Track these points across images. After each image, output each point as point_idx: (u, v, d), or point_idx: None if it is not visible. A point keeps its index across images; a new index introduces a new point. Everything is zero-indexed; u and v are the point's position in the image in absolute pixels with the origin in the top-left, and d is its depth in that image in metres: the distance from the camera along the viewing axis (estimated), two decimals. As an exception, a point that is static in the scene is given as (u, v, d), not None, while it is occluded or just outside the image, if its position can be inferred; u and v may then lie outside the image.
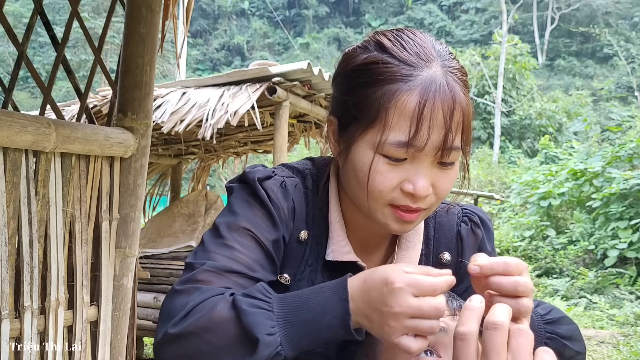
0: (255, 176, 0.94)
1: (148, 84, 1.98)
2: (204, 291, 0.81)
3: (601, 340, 5.66)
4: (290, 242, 0.94)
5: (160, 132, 3.74)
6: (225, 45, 36.42)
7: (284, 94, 3.52)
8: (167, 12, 2.18)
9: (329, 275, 0.96)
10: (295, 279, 0.95)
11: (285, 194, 0.94)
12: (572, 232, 9.15)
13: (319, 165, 1.02)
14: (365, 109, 0.85)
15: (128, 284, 1.99)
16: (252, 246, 0.89)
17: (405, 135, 0.81)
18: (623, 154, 9.02)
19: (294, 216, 0.95)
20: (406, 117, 0.81)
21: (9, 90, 2.14)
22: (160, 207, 5.87)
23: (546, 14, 32.44)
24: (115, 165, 1.94)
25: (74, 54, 22.35)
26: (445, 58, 0.86)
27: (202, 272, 0.84)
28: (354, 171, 0.88)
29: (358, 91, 0.87)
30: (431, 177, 0.86)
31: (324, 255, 0.96)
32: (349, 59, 0.91)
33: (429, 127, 0.81)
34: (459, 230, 1.03)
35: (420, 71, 0.83)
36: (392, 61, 0.84)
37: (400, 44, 0.86)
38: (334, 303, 0.76)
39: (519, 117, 20.41)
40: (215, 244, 0.88)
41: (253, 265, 0.87)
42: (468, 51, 22.40)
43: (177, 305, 0.81)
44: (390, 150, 0.83)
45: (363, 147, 0.86)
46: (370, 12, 38.65)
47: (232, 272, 0.85)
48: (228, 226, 0.90)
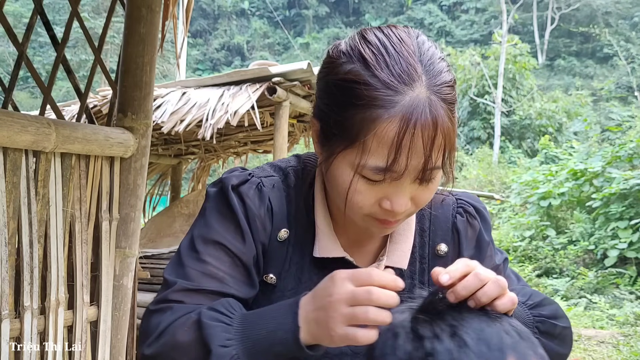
0: (229, 183, 0.95)
1: (148, 84, 1.98)
2: (175, 311, 0.86)
3: (601, 340, 5.66)
4: (270, 243, 0.95)
5: (160, 132, 3.75)
6: (225, 45, 36.42)
7: (284, 94, 3.52)
8: (167, 12, 2.18)
9: (316, 272, 0.96)
10: (281, 278, 0.96)
11: (261, 196, 0.95)
12: (572, 232, 9.15)
13: (305, 161, 1.02)
14: (345, 129, 0.83)
15: (128, 284, 1.99)
16: (226, 260, 0.91)
17: (384, 161, 0.81)
18: (623, 154, 9.02)
19: (271, 217, 0.95)
20: (385, 145, 0.80)
21: (9, 90, 2.14)
22: (160, 207, 5.87)
23: (546, 14, 32.43)
24: (115, 165, 1.94)
25: (74, 54, 22.34)
26: (431, 73, 0.82)
27: (174, 292, 0.88)
28: (334, 184, 0.89)
29: (339, 109, 0.84)
30: (410, 192, 0.86)
31: (310, 252, 0.96)
32: (332, 67, 0.87)
33: (408, 155, 0.80)
34: (454, 221, 1.02)
35: (402, 96, 0.80)
36: (374, 83, 0.80)
37: (384, 59, 0.82)
38: (286, 318, 0.80)
39: (519, 117, 20.40)
40: (190, 258, 0.92)
41: (226, 279, 0.90)
42: (468, 51, 22.38)
43: (152, 325, 0.86)
44: (369, 174, 0.83)
45: (343, 164, 0.85)
46: (370, 12, 38.65)
47: (203, 290, 0.88)
48: (203, 240, 0.92)
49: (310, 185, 0.98)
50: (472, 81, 20.74)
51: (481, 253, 1.02)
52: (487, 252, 1.03)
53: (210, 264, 0.90)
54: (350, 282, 0.76)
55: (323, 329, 0.77)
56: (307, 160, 1.02)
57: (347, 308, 0.75)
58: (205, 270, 0.90)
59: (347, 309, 0.75)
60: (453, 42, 32.08)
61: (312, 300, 0.80)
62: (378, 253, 1.01)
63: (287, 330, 0.79)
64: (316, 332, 0.78)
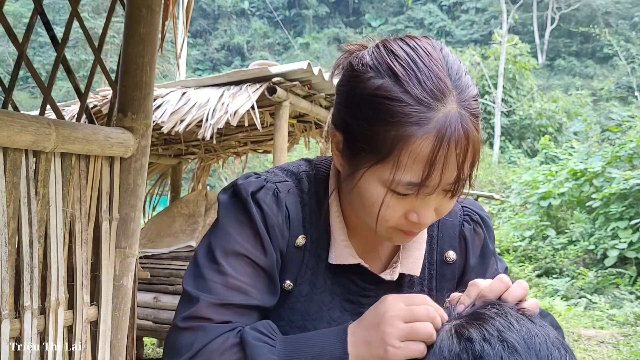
0: (249, 190, 0.94)
1: (148, 84, 1.98)
2: (207, 331, 0.86)
3: (601, 340, 5.66)
4: (288, 250, 0.95)
5: (160, 132, 3.75)
6: (225, 45, 36.41)
7: (284, 94, 3.52)
8: (167, 12, 2.18)
9: (331, 277, 0.96)
10: (297, 283, 0.95)
11: (278, 202, 0.94)
12: (572, 232, 9.15)
13: (317, 166, 1.01)
14: (376, 145, 0.83)
15: (128, 284, 1.99)
16: (247, 271, 0.90)
17: (418, 177, 0.81)
18: (623, 154, 9.02)
19: (289, 223, 0.94)
20: (420, 161, 0.80)
21: (9, 90, 2.14)
22: (160, 207, 5.87)
23: (546, 14, 32.42)
24: (115, 165, 1.94)
25: (74, 54, 22.34)
26: (460, 88, 0.82)
27: (202, 308, 0.87)
28: (361, 199, 0.88)
29: (368, 124, 0.83)
30: (436, 204, 0.87)
31: (325, 257, 0.96)
32: (358, 80, 0.85)
33: (442, 170, 0.81)
34: (461, 229, 1.03)
35: (436, 112, 0.80)
36: (406, 99, 0.80)
37: (415, 74, 0.81)
38: (334, 344, 0.82)
39: (519, 117, 20.40)
40: (211, 270, 0.90)
41: (249, 290, 0.90)
42: (468, 51, 22.39)
43: (184, 344, 0.86)
44: (401, 189, 0.83)
45: (372, 179, 0.85)
46: (370, 12, 38.64)
47: (229, 304, 0.88)
48: (223, 251, 0.91)
49: (325, 191, 0.98)
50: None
51: (485, 262, 1.04)
52: (491, 261, 1.05)
53: (232, 275, 0.89)
54: (403, 302, 0.80)
55: (376, 348, 0.79)
56: (319, 165, 1.01)
57: (404, 324, 0.78)
58: (228, 283, 0.89)
59: (404, 325, 0.78)
60: (453, 42, 32.08)
61: (361, 324, 0.82)
62: (390, 259, 1.01)
63: (335, 355, 0.81)
64: (366, 355, 0.80)
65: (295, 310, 0.96)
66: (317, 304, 0.96)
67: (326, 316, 0.96)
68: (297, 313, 0.96)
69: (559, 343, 0.76)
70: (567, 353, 0.75)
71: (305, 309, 0.96)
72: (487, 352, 0.72)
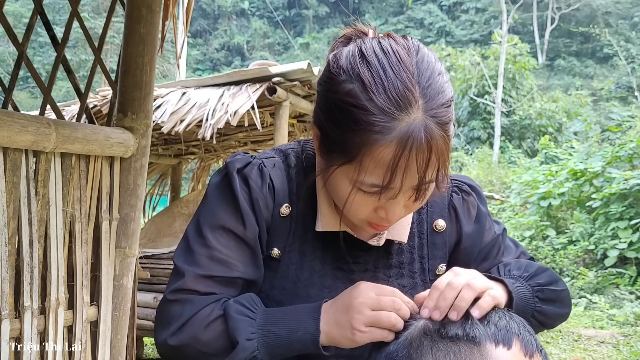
0: (236, 166, 1.00)
1: (148, 84, 1.98)
2: (194, 303, 0.93)
3: (601, 340, 5.67)
4: (273, 219, 1.00)
5: (160, 132, 3.74)
6: (225, 45, 36.40)
7: (284, 94, 3.52)
8: (167, 12, 2.18)
9: (320, 246, 1.01)
10: (286, 251, 1.00)
11: (262, 176, 0.99)
12: (572, 232, 9.14)
13: (304, 145, 1.06)
14: (343, 149, 0.87)
15: (128, 284, 1.99)
16: (231, 244, 0.97)
17: (380, 181, 0.85)
18: (623, 154, 9.01)
19: (273, 195, 0.99)
20: (381, 167, 0.83)
21: (9, 90, 2.14)
22: (160, 207, 5.87)
23: (546, 14, 32.41)
24: (115, 165, 1.94)
25: (74, 54, 22.34)
26: (428, 96, 0.84)
27: (188, 281, 0.95)
28: (333, 192, 0.94)
29: (337, 128, 0.87)
30: (404, 202, 0.90)
31: (312, 226, 1.00)
32: (332, 83, 0.89)
33: (403, 177, 0.84)
34: (450, 199, 1.07)
35: (399, 122, 0.82)
36: (371, 108, 0.82)
37: (382, 82, 0.83)
38: (308, 322, 0.90)
39: (519, 117, 20.38)
40: (198, 244, 0.97)
41: (232, 263, 0.96)
42: (468, 51, 22.37)
43: (172, 315, 0.94)
44: (366, 189, 0.87)
45: (341, 175, 0.89)
46: (370, 12, 38.62)
47: (213, 276, 0.95)
48: (209, 226, 0.97)
49: (311, 168, 1.02)
50: (472, 81, 20.73)
51: (482, 226, 1.08)
52: (487, 224, 1.10)
53: (216, 249, 0.96)
54: (373, 291, 0.88)
55: (344, 330, 0.87)
56: (306, 144, 1.06)
57: (370, 312, 0.86)
58: (213, 256, 0.95)
59: (370, 312, 0.86)
60: (453, 42, 32.06)
61: (334, 304, 0.90)
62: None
63: (308, 331, 0.89)
64: (336, 334, 0.89)
65: (287, 277, 1.00)
66: (307, 271, 1.00)
67: (318, 282, 1.00)
68: (289, 280, 1.00)
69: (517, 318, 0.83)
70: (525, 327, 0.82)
71: (296, 276, 1.00)
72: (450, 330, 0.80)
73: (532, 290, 1.00)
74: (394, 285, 1.01)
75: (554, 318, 1.04)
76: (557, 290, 1.03)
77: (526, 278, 1.02)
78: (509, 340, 0.78)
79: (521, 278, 1.02)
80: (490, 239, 1.09)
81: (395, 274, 1.04)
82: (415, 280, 1.04)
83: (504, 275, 1.02)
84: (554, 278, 1.05)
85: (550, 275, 1.05)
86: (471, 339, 0.77)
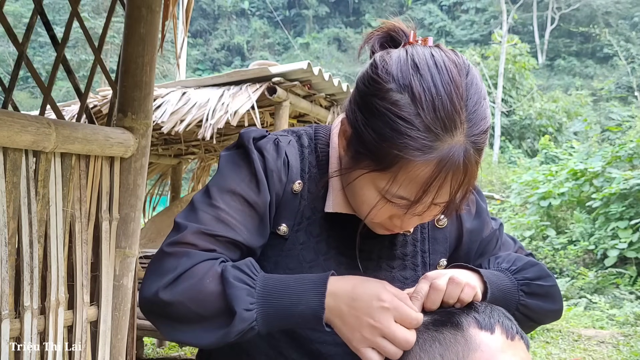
0: (251, 136, 0.99)
1: (148, 84, 1.97)
2: (191, 256, 0.88)
3: (601, 340, 5.67)
4: (284, 195, 0.98)
5: (160, 132, 3.74)
6: (225, 45, 36.39)
7: (284, 94, 3.52)
8: (167, 12, 2.18)
9: (327, 229, 1.00)
10: (293, 230, 0.99)
11: (278, 150, 0.99)
12: (572, 232, 9.14)
13: (316, 129, 1.06)
14: (378, 157, 0.85)
15: (128, 284, 1.99)
16: (239, 208, 0.94)
17: (411, 195, 0.85)
18: (623, 154, 9.02)
19: (287, 170, 0.99)
20: (415, 184, 0.83)
21: (9, 90, 2.14)
22: (160, 207, 5.87)
23: (546, 14, 32.41)
24: (115, 165, 1.94)
25: (74, 54, 22.33)
26: (473, 121, 0.83)
27: (188, 235, 0.90)
28: (353, 194, 0.93)
29: (376, 134, 0.85)
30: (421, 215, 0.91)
31: (322, 208, 0.99)
32: (378, 88, 0.86)
33: (434, 196, 0.84)
34: None
35: (441, 143, 0.81)
36: (417, 123, 0.81)
37: (432, 100, 0.81)
38: (311, 296, 0.85)
39: (519, 117, 20.39)
40: (204, 204, 0.94)
41: (238, 227, 0.93)
42: (468, 51, 22.38)
43: (166, 268, 0.88)
44: (394, 200, 0.87)
45: (368, 182, 0.88)
46: (370, 12, 38.63)
47: (216, 235, 0.91)
48: (218, 188, 0.95)
49: (324, 151, 1.02)
50: (472, 81, 20.69)
51: (482, 221, 1.10)
52: (487, 219, 1.11)
53: (224, 210, 0.93)
54: (394, 317, 0.83)
55: (345, 331, 0.85)
56: (318, 128, 1.07)
57: (381, 340, 0.83)
58: (218, 215, 0.92)
59: (380, 341, 0.83)
60: (453, 42, 32.07)
61: (350, 301, 0.85)
62: None
63: (311, 307, 0.85)
64: (336, 324, 0.85)
65: (292, 257, 0.99)
66: (313, 252, 0.99)
67: (322, 264, 1.00)
68: (294, 260, 0.99)
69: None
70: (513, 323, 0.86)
71: (302, 256, 0.99)
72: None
73: (517, 284, 1.01)
74: (396, 276, 1.03)
75: (541, 313, 1.04)
76: (544, 285, 1.04)
77: (513, 271, 1.03)
78: (491, 325, 0.81)
79: (508, 271, 1.03)
80: (488, 233, 1.11)
81: (399, 265, 1.04)
82: (417, 273, 1.05)
83: (492, 267, 1.05)
84: (542, 273, 1.05)
85: (539, 270, 1.05)
86: (454, 325, 0.81)
